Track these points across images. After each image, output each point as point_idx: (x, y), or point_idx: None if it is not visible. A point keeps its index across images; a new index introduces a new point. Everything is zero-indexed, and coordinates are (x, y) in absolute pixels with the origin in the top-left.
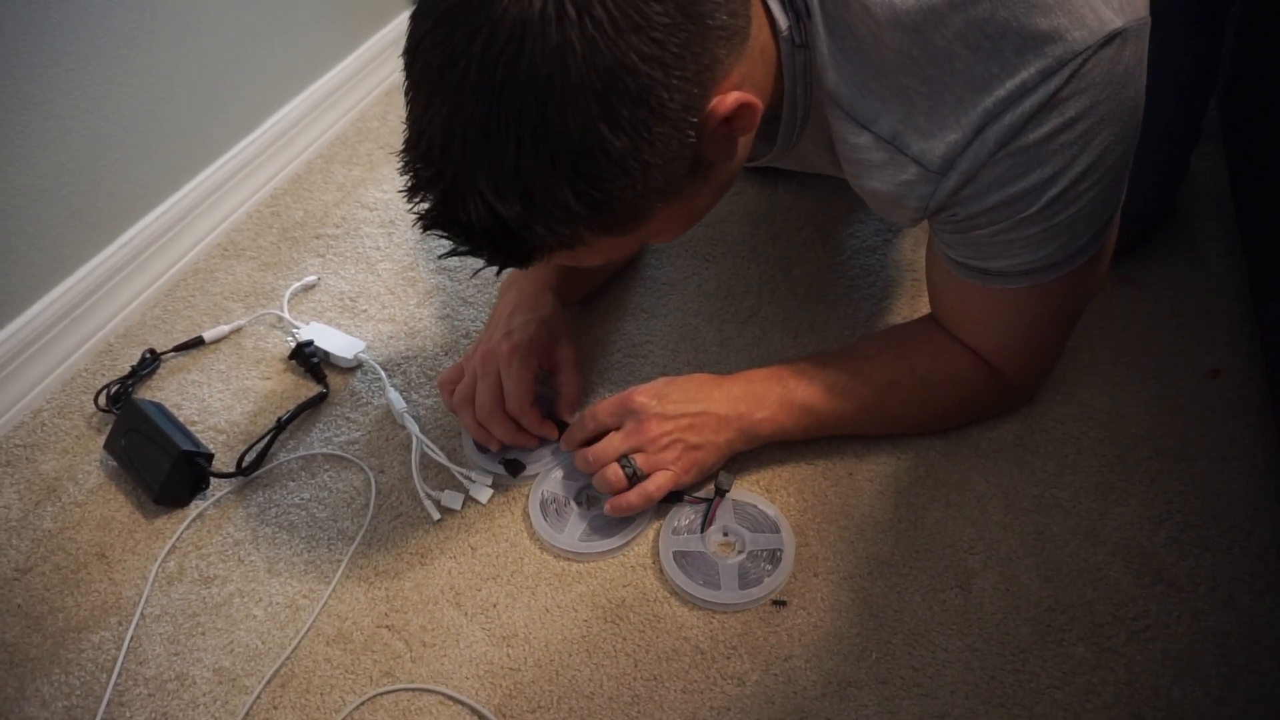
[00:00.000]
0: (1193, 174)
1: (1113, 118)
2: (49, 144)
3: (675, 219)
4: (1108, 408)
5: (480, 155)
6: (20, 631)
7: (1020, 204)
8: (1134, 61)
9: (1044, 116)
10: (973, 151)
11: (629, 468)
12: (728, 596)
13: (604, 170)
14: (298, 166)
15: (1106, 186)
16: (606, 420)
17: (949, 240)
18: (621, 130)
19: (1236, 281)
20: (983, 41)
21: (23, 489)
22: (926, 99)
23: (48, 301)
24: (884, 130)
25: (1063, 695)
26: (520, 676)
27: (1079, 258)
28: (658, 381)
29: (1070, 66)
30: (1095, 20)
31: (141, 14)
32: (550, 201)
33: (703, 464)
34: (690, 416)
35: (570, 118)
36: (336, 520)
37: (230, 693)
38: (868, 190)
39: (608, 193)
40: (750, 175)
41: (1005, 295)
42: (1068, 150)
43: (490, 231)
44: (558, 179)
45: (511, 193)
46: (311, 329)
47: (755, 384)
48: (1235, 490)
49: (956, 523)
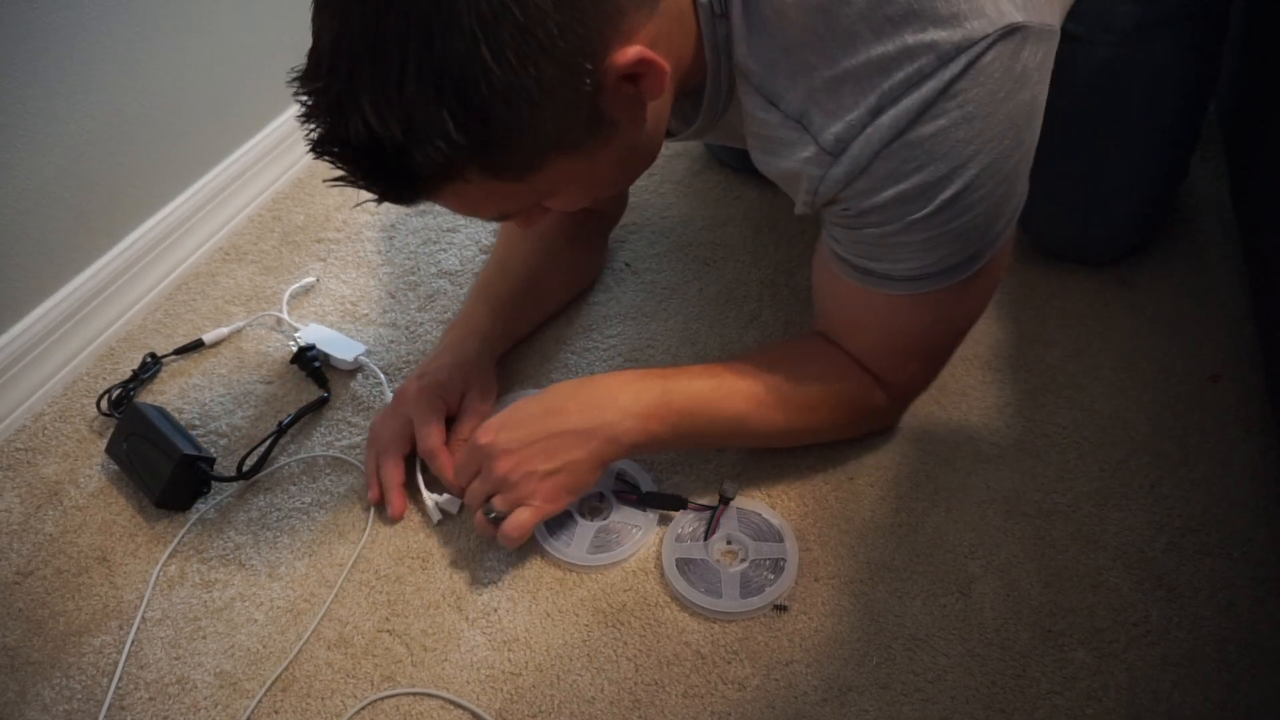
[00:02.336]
0: (1193, 178)
1: (1010, 122)
2: (52, 148)
3: (574, 178)
4: (1108, 412)
5: (364, 73)
6: (21, 635)
7: (914, 203)
8: (1033, 65)
9: (940, 107)
10: (865, 137)
11: (490, 512)
12: (729, 605)
13: (486, 100)
14: (299, 171)
15: (999, 196)
16: (465, 471)
17: (839, 236)
18: (504, 59)
19: (1237, 286)
20: (884, 24)
21: (24, 493)
22: (830, 79)
23: (50, 305)
24: (791, 108)
25: (1063, 700)
26: (521, 681)
27: (964, 269)
28: (505, 411)
29: (967, 55)
30: (995, 12)
31: (144, 19)
32: (431, 127)
33: (570, 485)
34: (539, 442)
35: (453, 39)
36: (338, 524)
37: (231, 697)
38: (774, 170)
39: (492, 127)
40: (751, 179)
41: (888, 300)
42: (964, 148)
43: (370, 153)
44: (439, 103)
45: (392, 115)
46: (311, 330)
47: (625, 386)
48: (1236, 495)
49: (957, 527)
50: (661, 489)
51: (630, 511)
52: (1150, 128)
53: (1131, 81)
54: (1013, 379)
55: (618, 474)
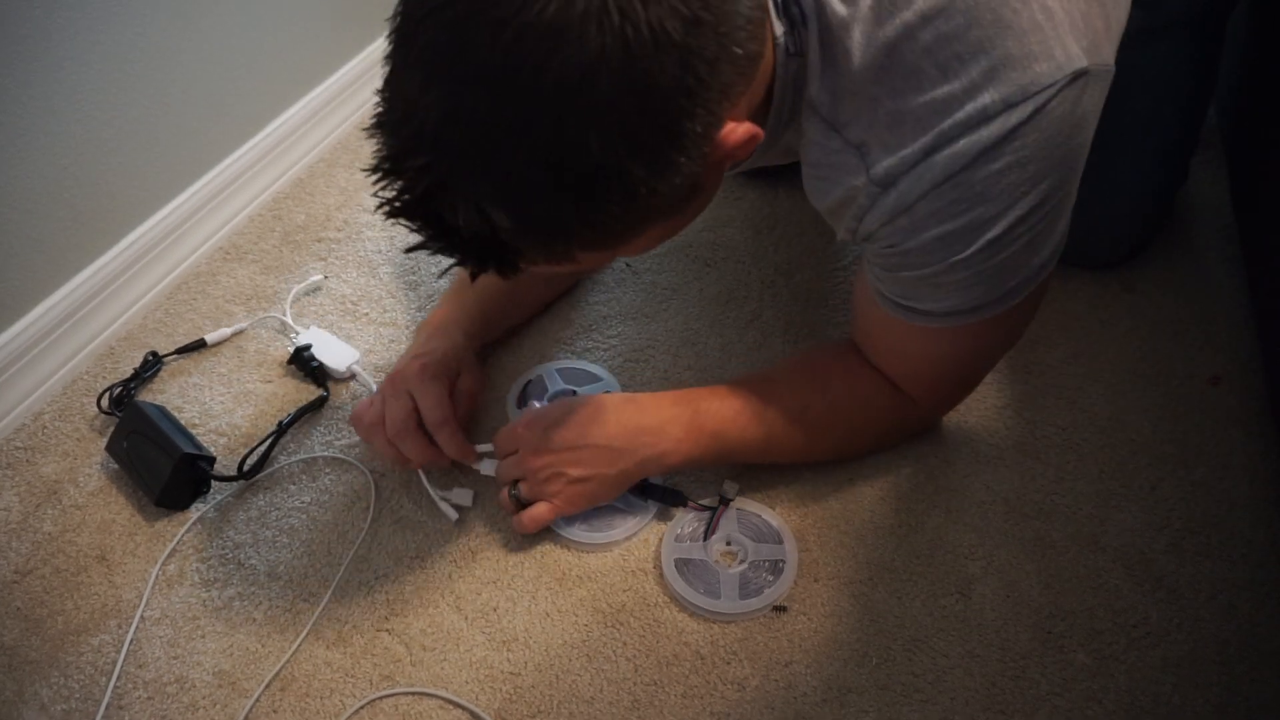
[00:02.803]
0: (1193, 182)
1: (1061, 163)
2: (52, 147)
3: (656, 238)
4: (1108, 414)
5: (481, 158)
6: (19, 634)
7: (957, 245)
8: (1091, 108)
9: (999, 150)
10: (917, 174)
11: (514, 493)
12: (727, 606)
13: (613, 193)
14: (300, 170)
15: (1041, 234)
16: (504, 446)
17: (879, 275)
18: (641, 156)
19: (1237, 288)
20: (951, 60)
21: (23, 491)
22: (892, 112)
23: (50, 305)
24: (852, 136)
25: (1063, 702)
26: (520, 680)
27: (1006, 302)
28: (553, 406)
29: (1034, 102)
30: (1064, 55)
31: (144, 18)
32: (548, 218)
33: (591, 495)
34: (574, 450)
35: (593, 136)
36: (337, 524)
37: (230, 696)
38: (826, 202)
39: (609, 214)
40: (751, 181)
41: (927, 332)
42: (1014, 191)
43: (477, 239)
44: (563, 197)
45: (509, 203)
46: (310, 334)
47: (663, 411)
48: (1236, 497)
49: (957, 528)
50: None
51: (629, 498)
52: (1151, 131)
53: (1133, 86)
54: (1013, 380)
55: None
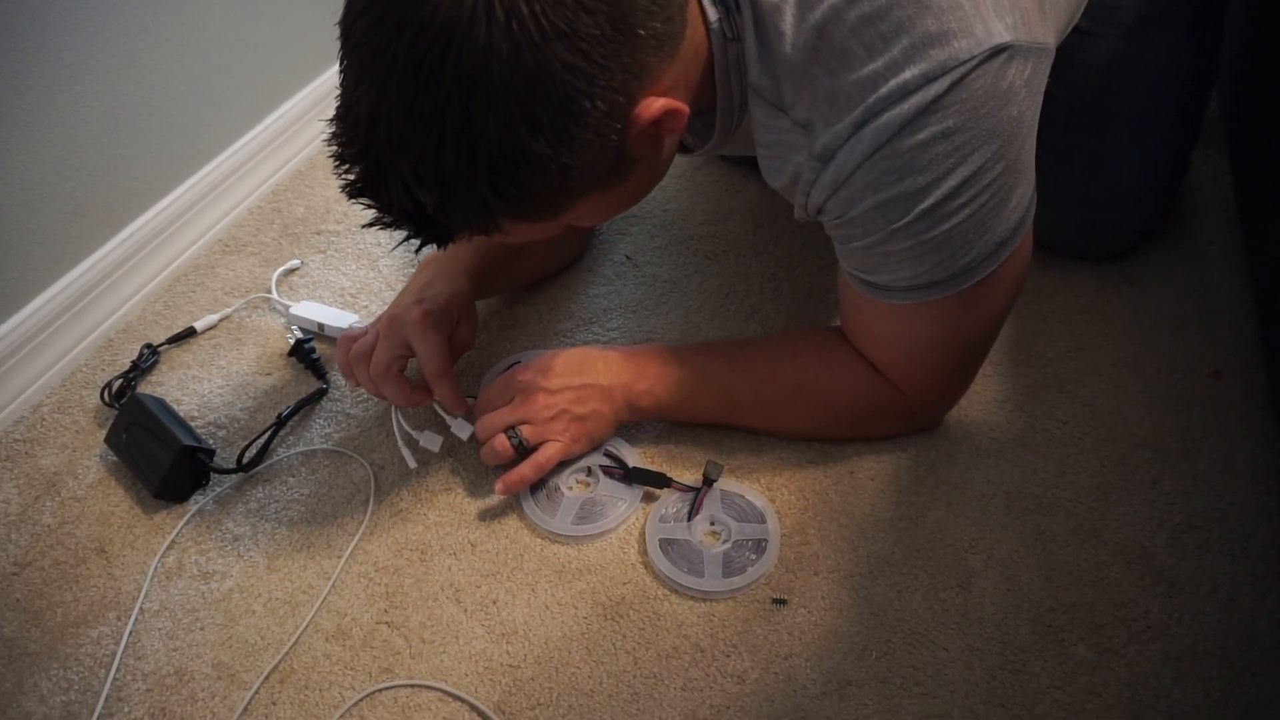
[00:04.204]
0: (1195, 175)
1: (992, 135)
2: (51, 138)
3: (599, 207)
4: (1109, 408)
5: (402, 143)
6: (19, 626)
7: (893, 213)
8: (1020, 82)
9: (921, 121)
10: (849, 148)
11: (515, 439)
12: (711, 584)
13: (522, 170)
14: (299, 162)
15: (986, 207)
16: (495, 400)
17: (840, 251)
18: (541, 134)
19: (1238, 281)
20: (876, 40)
21: (22, 484)
22: (829, 90)
23: (48, 296)
24: (798, 116)
25: (1063, 695)
26: (520, 673)
27: (963, 279)
28: (542, 356)
29: (952, 75)
30: (984, 31)
31: (144, 9)
32: (468, 195)
33: (592, 434)
34: (574, 389)
35: (491, 119)
36: (336, 516)
37: (229, 688)
38: (780, 181)
39: (525, 189)
40: (751, 173)
41: (895, 310)
42: (943, 162)
43: (408, 213)
44: (476, 175)
45: (431, 182)
46: (303, 306)
47: (638, 355)
48: (1237, 491)
49: (957, 522)
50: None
51: (615, 486)
52: (1152, 121)
53: (1134, 75)
54: (1014, 374)
55: (605, 450)
